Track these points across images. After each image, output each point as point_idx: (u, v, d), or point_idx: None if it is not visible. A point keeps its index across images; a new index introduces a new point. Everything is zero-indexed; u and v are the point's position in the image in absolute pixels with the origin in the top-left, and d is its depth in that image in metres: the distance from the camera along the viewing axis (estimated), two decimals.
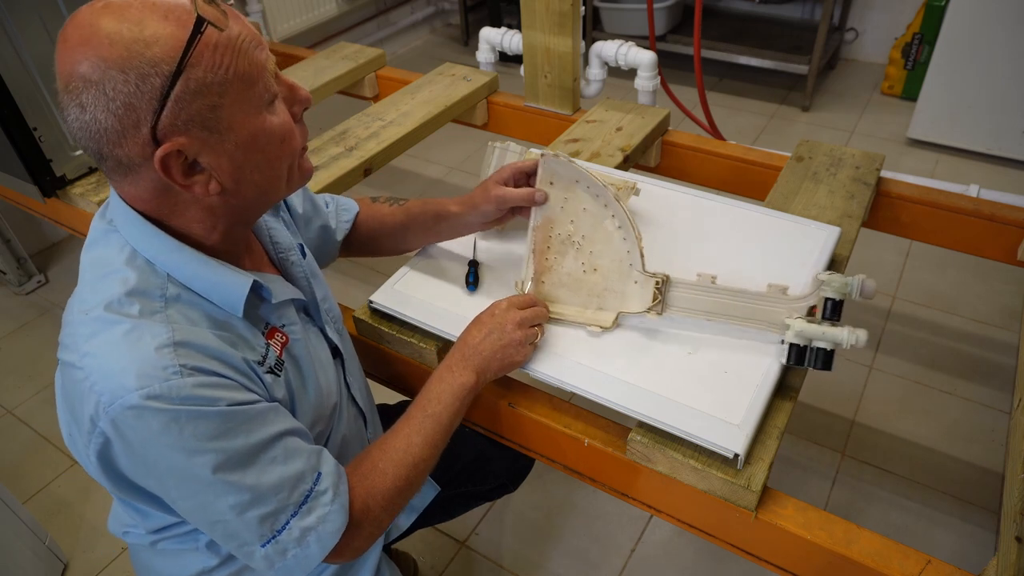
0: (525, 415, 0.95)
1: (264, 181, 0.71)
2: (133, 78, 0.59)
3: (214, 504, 0.67)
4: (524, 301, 0.92)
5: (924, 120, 2.65)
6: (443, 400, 0.84)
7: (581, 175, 0.89)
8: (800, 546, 0.81)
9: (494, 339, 0.87)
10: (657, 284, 0.90)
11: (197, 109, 0.62)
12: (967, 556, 1.47)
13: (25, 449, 1.82)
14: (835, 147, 1.37)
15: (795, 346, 0.84)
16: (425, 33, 3.97)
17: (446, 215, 1.01)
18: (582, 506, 1.61)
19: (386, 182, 2.76)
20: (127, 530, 0.85)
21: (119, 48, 0.59)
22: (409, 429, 0.82)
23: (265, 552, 0.69)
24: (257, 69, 0.65)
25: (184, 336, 0.65)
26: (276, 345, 0.76)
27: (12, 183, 1.54)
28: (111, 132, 0.62)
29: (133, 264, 0.68)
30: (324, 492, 0.72)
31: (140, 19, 0.60)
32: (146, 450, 0.64)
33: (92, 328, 0.65)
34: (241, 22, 0.66)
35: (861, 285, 0.83)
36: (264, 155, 0.69)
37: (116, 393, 0.62)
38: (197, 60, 0.61)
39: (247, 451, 0.67)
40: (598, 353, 0.92)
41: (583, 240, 0.93)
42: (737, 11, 3.38)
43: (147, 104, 0.60)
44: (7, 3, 1.29)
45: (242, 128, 0.66)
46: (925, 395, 1.79)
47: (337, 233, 1.05)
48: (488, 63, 1.97)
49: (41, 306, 2.28)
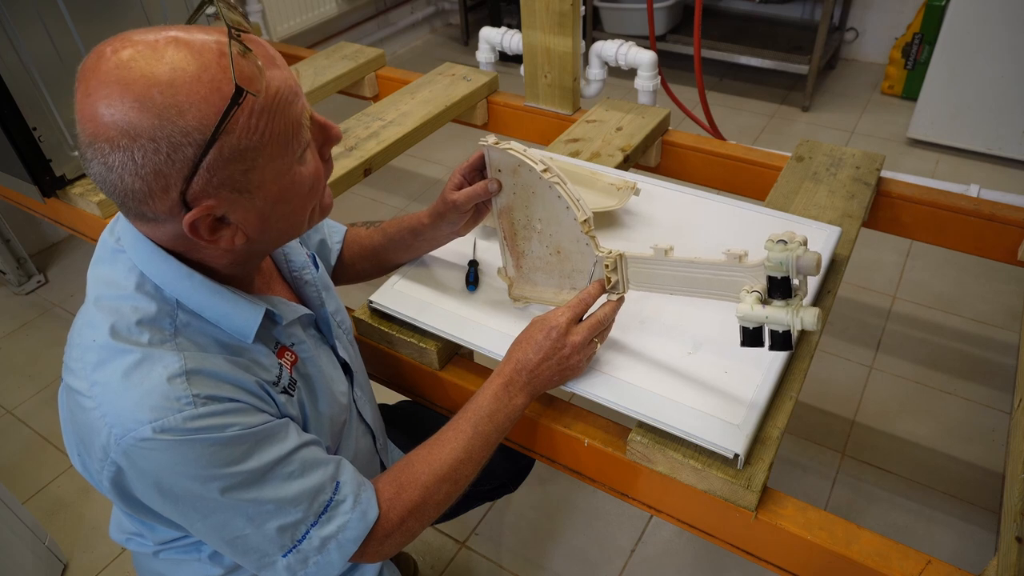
0: (525, 415, 0.95)
1: (289, 227, 0.70)
2: (164, 148, 0.57)
3: (231, 522, 0.67)
4: (580, 309, 0.85)
5: (924, 120, 2.65)
6: (495, 420, 0.82)
7: (521, 161, 0.88)
8: (800, 546, 0.81)
9: (552, 364, 0.84)
10: (607, 265, 0.87)
11: (229, 173, 0.60)
12: (967, 556, 1.46)
13: (25, 449, 1.82)
14: (835, 147, 1.37)
15: (745, 328, 0.76)
16: (425, 33, 3.97)
17: (420, 229, 0.99)
18: (582, 506, 1.61)
19: (386, 182, 2.76)
20: (130, 538, 0.85)
21: (150, 116, 0.56)
22: (457, 444, 0.80)
23: (287, 562, 0.70)
24: (293, 127, 0.63)
25: (196, 364, 0.65)
26: (287, 364, 0.76)
27: (12, 183, 1.54)
28: (138, 193, 0.60)
29: (143, 290, 0.67)
30: (344, 501, 0.72)
31: (172, 79, 0.56)
32: (160, 479, 0.64)
33: (100, 356, 0.64)
34: (278, 69, 0.62)
35: (796, 261, 0.70)
36: (291, 206, 0.68)
37: (128, 427, 0.62)
38: (232, 127, 0.58)
39: (262, 469, 0.67)
40: (598, 353, 0.92)
41: (541, 223, 0.92)
42: (737, 11, 3.38)
43: (178, 172, 0.58)
44: (7, 3, 1.29)
45: (273, 184, 0.64)
46: (925, 395, 1.79)
47: (332, 254, 1.05)
48: (488, 63, 1.97)
49: (41, 306, 2.28)
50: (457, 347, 1.01)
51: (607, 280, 0.87)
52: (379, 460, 1.00)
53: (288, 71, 0.64)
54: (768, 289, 0.74)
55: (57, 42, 1.39)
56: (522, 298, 0.99)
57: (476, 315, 0.99)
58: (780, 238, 0.71)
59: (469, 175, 0.93)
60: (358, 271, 1.09)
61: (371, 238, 1.06)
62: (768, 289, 0.74)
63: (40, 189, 1.47)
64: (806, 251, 0.70)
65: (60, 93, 1.42)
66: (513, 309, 1.00)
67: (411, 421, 1.21)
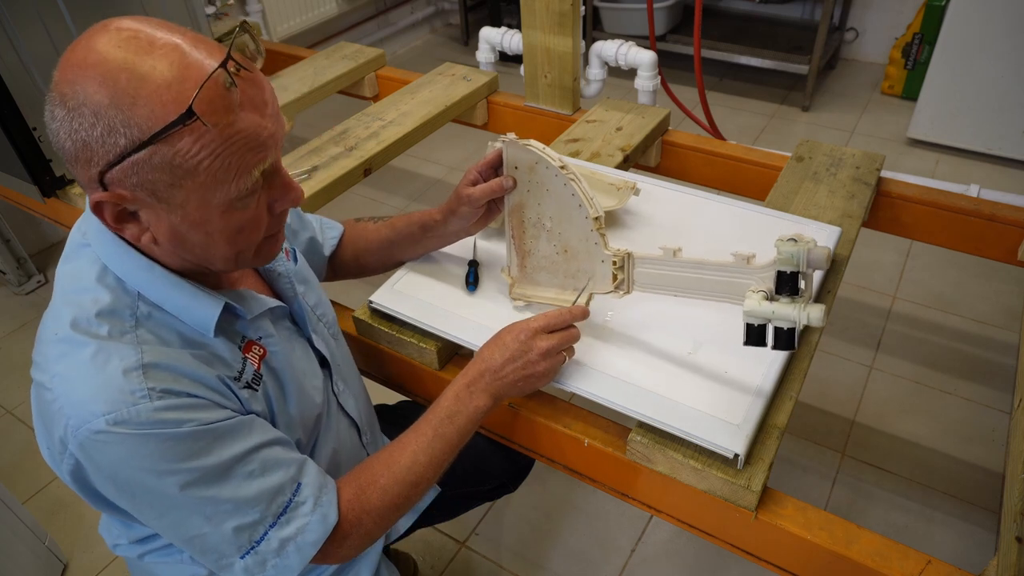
0: (525, 415, 0.95)
1: (205, 255, 0.69)
2: (100, 127, 0.58)
3: (188, 520, 0.67)
4: (555, 322, 0.84)
5: (924, 120, 2.65)
6: (456, 422, 0.82)
7: (539, 157, 0.89)
8: (800, 546, 0.81)
9: (517, 367, 0.82)
10: (615, 263, 0.88)
11: (152, 179, 0.60)
12: (967, 556, 1.46)
13: (25, 449, 1.82)
14: (835, 147, 1.37)
15: (750, 325, 0.78)
16: (425, 33, 3.97)
17: (431, 224, 0.99)
18: (582, 506, 1.61)
19: (386, 182, 2.76)
20: (116, 543, 0.85)
21: (104, 94, 0.57)
22: (416, 447, 0.80)
23: (245, 564, 0.69)
24: (235, 172, 0.62)
25: (154, 357, 0.65)
26: (254, 359, 0.75)
27: (12, 183, 1.54)
28: (67, 152, 0.61)
29: (104, 282, 0.67)
30: (304, 503, 0.72)
31: (145, 74, 0.57)
32: (116, 473, 0.65)
33: (60, 349, 0.65)
34: (256, 116, 0.61)
35: (808, 254, 0.73)
36: (209, 238, 0.66)
37: (83, 418, 0.62)
38: (171, 140, 0.58)
39: (220, 467, 0.66)
40: (598, 353, 0.92)
41: (551, 222, 0.92)
42: (737, 11, 3.38)
43: (103, 154, 0.59)
44: (7, 3, 1.29)
45: (194, 210, 0.63)
46: (925, 395, 1.79)
47: (324, 247, 1.05)
48: (488, 63, 1.97)
49: (41, 306, 2.26)
50: (457, 347, 1.01)
51: (613, 277, 0.88)
52: (366, 455, 0.99)
53: (270, 122, 0.63)
54: (776, 285, 0.76)
55: (57, 42, 1.39)
56: (522, 297, 0.99)
57: (476, 315, 0.99)
58: (790, 237, 0.74)
59: (485, 172, 0.95)
60: (363, 265, 1.09)
61: (379, 232, 1.06)
62: (776, 285, 0.76)
63: (40, 189, 1.47)
64: (817, 246, 0.73)
65: None
66: (513, 310, 1.00)
67: (411, 421, 1.21)
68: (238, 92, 0.60)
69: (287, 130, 0.74)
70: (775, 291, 0.76)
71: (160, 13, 1.54)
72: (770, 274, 0.77)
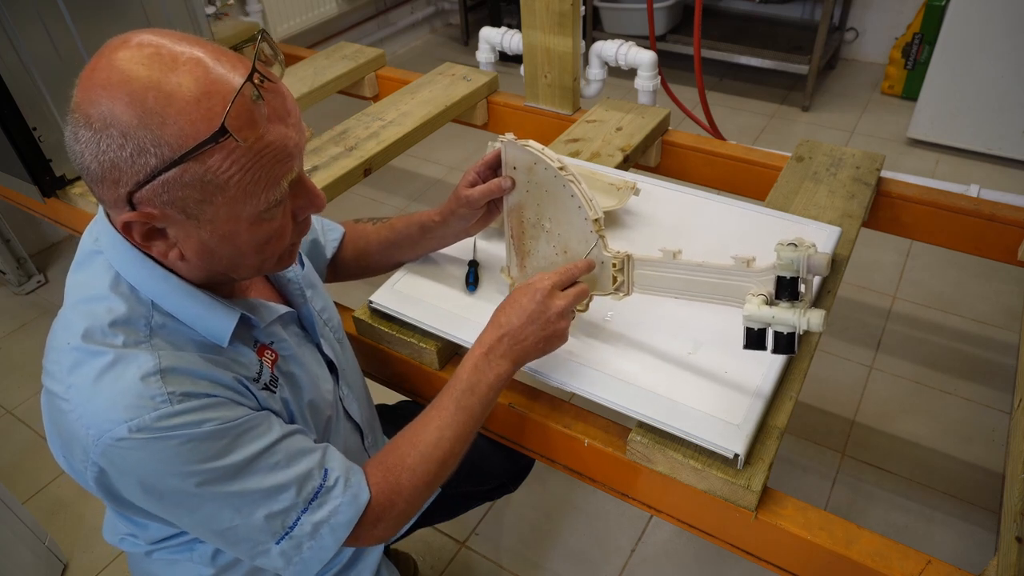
0: (525, 415, 0.95)
1: (233, 266, 0.69)
2: (130, 148, 0.57)
3: (218, 515, 0.67)
4: (566, 278, 0.83)
5: (924, 120, 2.65)
6: (478, 392, 0.80)
7: (538, 158, 0.89)
8: (800, 546, 0.81)
9: (537, 328, 0.80)
10: (615, 264, 0.88)
11: (182, 196, 0.60)
12: (967, 556, 1.46)
13: (25, 449, 1.82)
14: (835, 147, 1.37)
15: (750, 329, 0.78)
16: (425, 33, 3.97)
17: (431, 225, 0.99)
18: (582, 506, 1.61)
19: (386, 182, 2.76)
20: (124, 538, 0.85)
21: (133, 114, 0.57)
22: (441, 422, 0.79)
23: (281, 548, 0.70)
24: (267, 183, 0.62)
25: (171, 362, 0.65)
26: (267, 362, 0.75)
27: (12, 183, 1.54)
28: (92, 173, 0.60)
29: (117, 290, 0.67)
30: (334, 486, 0.72)
31: (172, 92, 0.57)
32: (142, 477, 0.65)
33: (75, 358, 0.65)
34: (283, 127, 0.61)
35: (807, 260, 0.73)
36: (238, 249, 0.66)
37: (103, 427, 0.62)
38: (203, 159, 0.58)
39: (245, 462, 0.67)
40: (598, 353, 0.92)
41: (550, 222, 0.92)
42: (737, 11, 3.38)
43: (133, 174, 0.59)
44: (7, 3, 1.29)
45: (224, 224, 0.63)
46: (925, 395, 1.79)
47: (326, 250, 1.05)
48: (488, 63, 1.97)
49: (41, 306, 2.28)
50: (457, 347, 1.01)
51: (613, 279, 0.88)
52: (367, 457, 1.00)
53: (294, 131, 0.63)
54: (776, 290, 0.76)
55: (57, 42, 1.39)
56: None
57: (476, 315, 0.99)
58: (791, 241, 0.74)
59: (483, 173, 0.94)
60: (363, 266, 1.09)
61: (379, 233, 1.06)
62: (776, 290, 0.76)
63: (40, 189, 1.47)
64: (817, 252, 0.73)
65: (60, 93, 1.42)
66: None
67: (411, 421, 1.21)
68: (264, 105, 0.60)
69: (308, 138, 0.75)
70: (775, 295, 0.76)
71: (160, 13, 1.53)
72: (770, 278, 0.77)
